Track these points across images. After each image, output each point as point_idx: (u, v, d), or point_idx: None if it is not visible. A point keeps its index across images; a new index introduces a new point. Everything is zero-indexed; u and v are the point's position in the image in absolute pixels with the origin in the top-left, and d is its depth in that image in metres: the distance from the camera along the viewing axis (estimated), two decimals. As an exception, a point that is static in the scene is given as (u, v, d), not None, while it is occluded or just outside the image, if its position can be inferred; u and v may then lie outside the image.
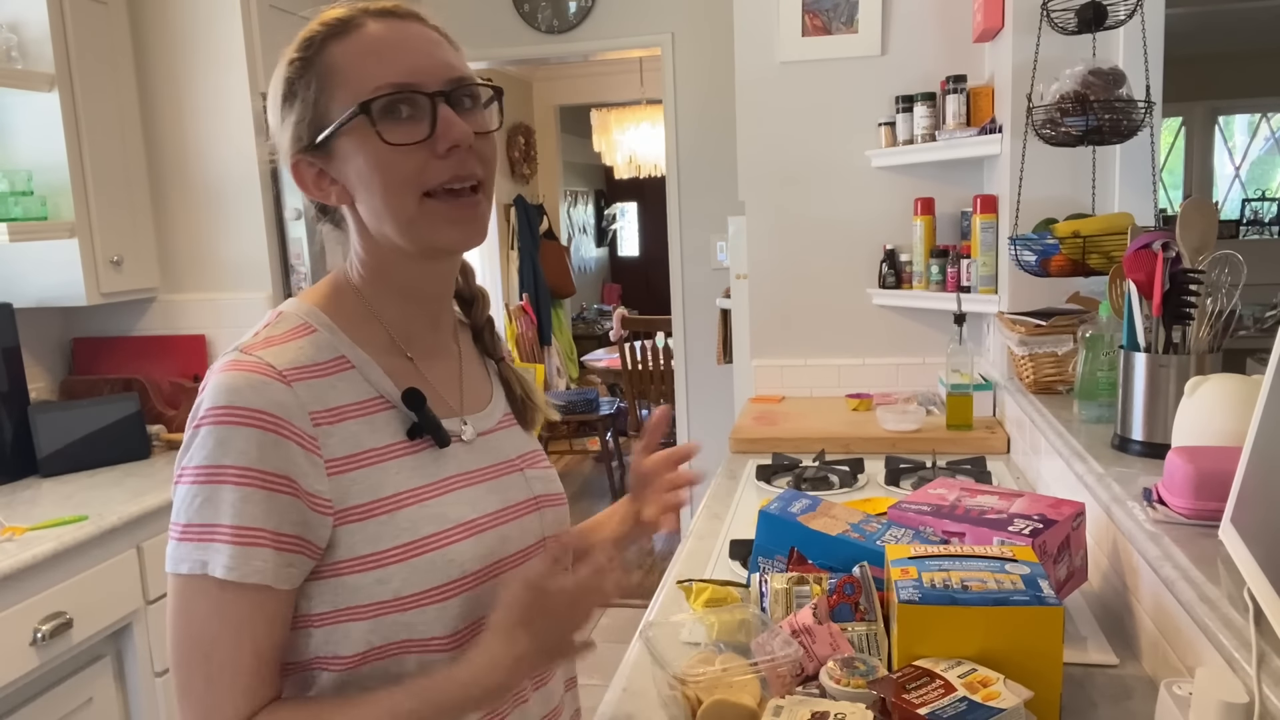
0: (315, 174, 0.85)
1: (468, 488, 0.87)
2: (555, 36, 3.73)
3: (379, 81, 0.80)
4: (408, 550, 0.80)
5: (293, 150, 0.84)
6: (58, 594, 1.77)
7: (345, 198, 0.85)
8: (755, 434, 2.33)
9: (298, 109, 0.83)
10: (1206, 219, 1.37)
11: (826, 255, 2.68)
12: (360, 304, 0.88)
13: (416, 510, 0.82)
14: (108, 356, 2.64)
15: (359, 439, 0.81)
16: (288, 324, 0.84)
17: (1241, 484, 0.95)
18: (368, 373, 0.85)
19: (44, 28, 2.21)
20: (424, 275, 0.89)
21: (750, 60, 2.66)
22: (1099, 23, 1.89)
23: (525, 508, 0.92)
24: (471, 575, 0.83)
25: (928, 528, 1.28)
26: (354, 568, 0.79)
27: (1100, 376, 1.67)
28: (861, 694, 0.98)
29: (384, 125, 0.80)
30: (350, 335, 0.86)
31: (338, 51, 0.82)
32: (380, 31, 0.83)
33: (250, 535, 0.75)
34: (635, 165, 6.04)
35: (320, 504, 0.77)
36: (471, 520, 0.85)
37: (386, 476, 0.81)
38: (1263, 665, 0.81)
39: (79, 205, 2.30)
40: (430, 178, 0.81)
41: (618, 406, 5.36)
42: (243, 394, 0.76)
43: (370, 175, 0.81)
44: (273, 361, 0.79)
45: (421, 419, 0.85)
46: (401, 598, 0.79)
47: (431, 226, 0.83)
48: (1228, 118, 6.49)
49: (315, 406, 0.79)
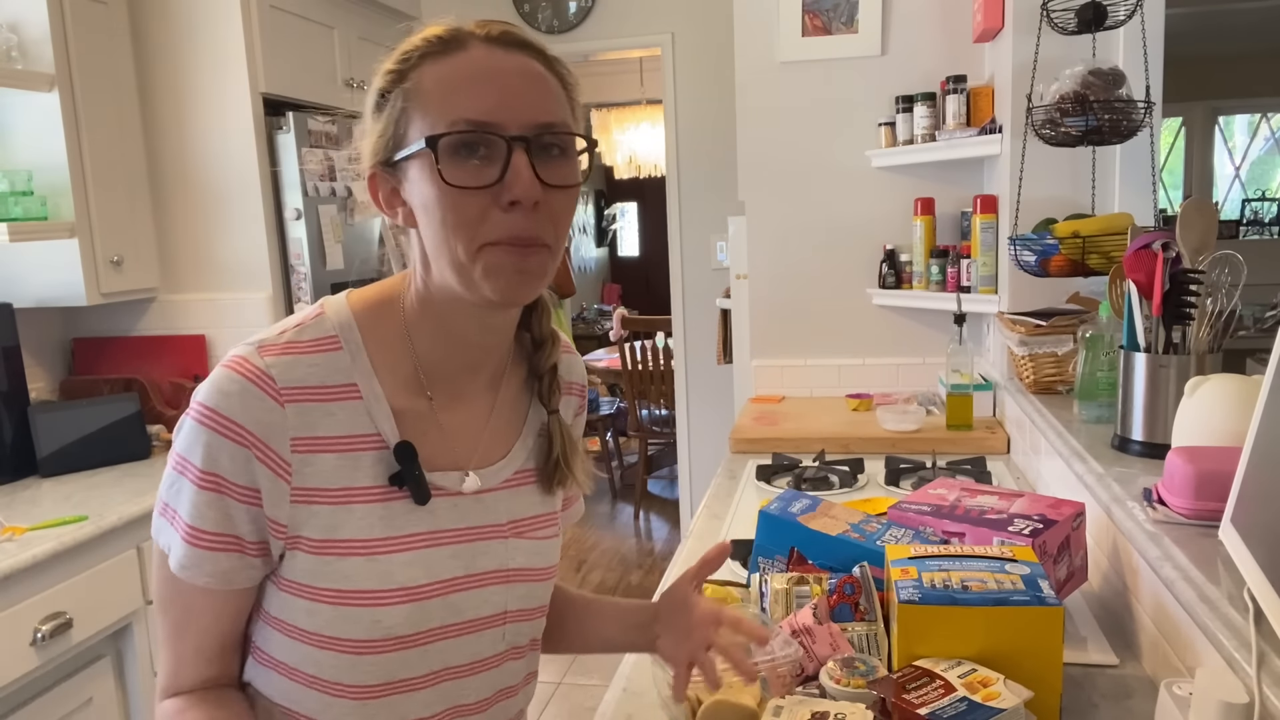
0: (389, 191, 0.82)
1: (431, 548, 0.83)
2: (555, 36, 3.72)
3: (457, 115, 0.75)
4: (339, 597, 0.79)
5: (370, 162, 0.81)
6: (58, 594, 1.77)
7: (412, 220, 0.81)
8: (755, 434, 2.33)
9: (382, 122, 0.80)
10: (1206, 219, 1.37)
11: (826, 255, 2.68)
12: (400, 327, 0.84)
13: (363, 563, 0.79)
14: (108, 356, 2.64)
15: (335, 474, 0.79)
16: (316, 332, 0.82)
17: (1241, 484, 0.95)
18: (373, 408, 0.82)
19: (44, 28, 2.21)
20: (472, 321, 0.84)
21: (750, 60, 2.66)
22: (1099, 23, 1.89)
23: (492, 578, 0.87)
24: (396, 639, 0.81)
25: (928, 528, 1.28)
26: (291, 589, 0.79)
27: (1100, 376, 1.67)
28: (861, 694, 0.98)
29: (449, 163, 0.75)
30: (375, 360, 0.83)
31: (430, 73, 0.78)
32: (479, 59, 0.77)
33: (201, 538, 0.77)
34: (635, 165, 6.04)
35: (275, 526, 0.78)
36: (415, 587, 0.81)
37: (349, 519, 0.80)
38: (1263, 665, 0.81)
39: (79, 205, 2.30)
40: (490, 230, 0.76)
41: (618, 406, 5.36)
42: (230, 401, 0.75)
43: (431, 209, 0.77)
44: (277, 376, 0.77)
45: (405, 472, 0.81)
46: (322, 635, 0.79)
47: (482, 275, 0.77)
48: (1228, 118, 6.49)
49: (300, 432, 0.78)
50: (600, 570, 4.17)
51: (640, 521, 4.83)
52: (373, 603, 0.79)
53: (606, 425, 5.27)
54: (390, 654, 0.81)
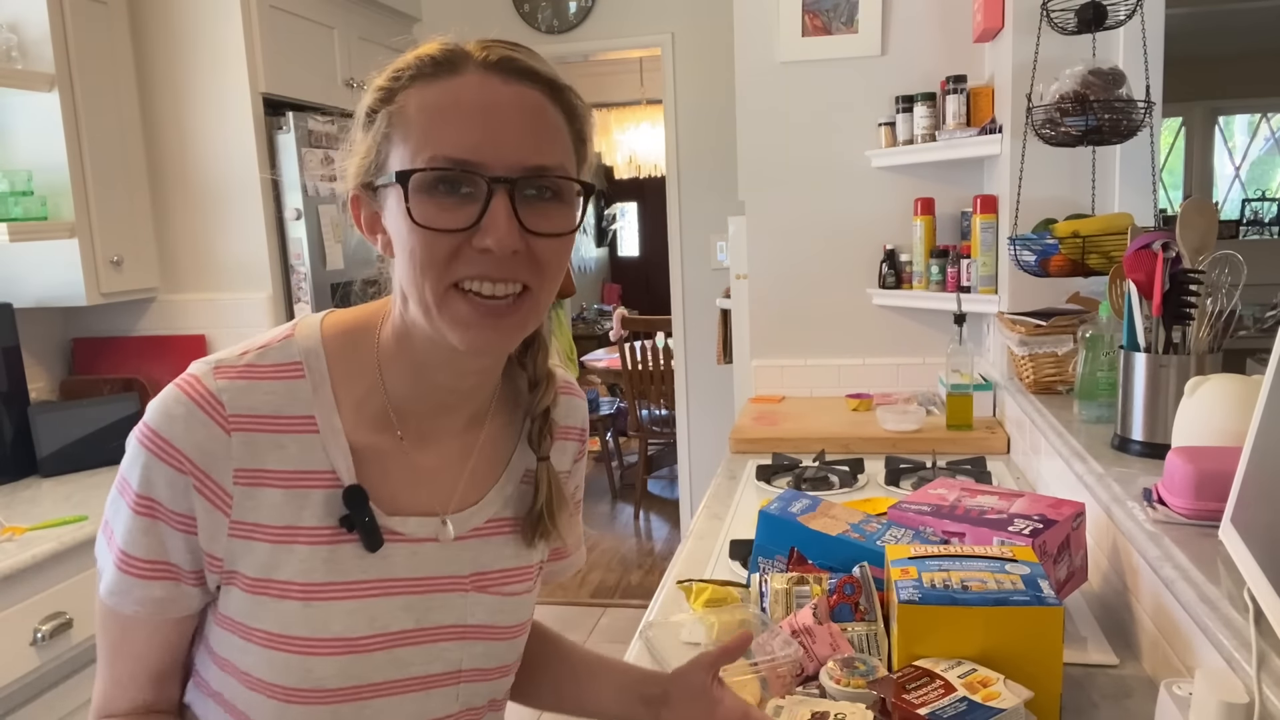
0: (370, 215, 0.77)
1: (380, 598, 0.77)
2: (555, 36, 3.73)
3: (436, 150, 0.69)
4: (270, 639, 0.74)
5: (353, 183, 0.76)
6: (58, 594, 1.77)
7: (389, 250, 0.75)
8: (755, 434, 2.33)
9: (367, 143, 0.74)
10: (1206, 219, 1.37)
11: (826, 255, 2.68)
12: (372, 359, 0.79)
13: (298, 608, 0.74)
14: (108, 356, 2.64)
15: (278, 512, 0.74)
16: (282, 356, 0.77)
17: (1241, 484, 0.95)
18: (329, 444, 0.76)
19: (44, 28, 2.21)
20: (446, 363, 0.77)
21: (750, 60, 2.66)
22: (1099, 23, 1.89)
23: (445, 634, 0.80)
24: (329, 691, 0.75)
25: (928, 528, 1.28)
26: (226, 624, 0.76)
27: (1100, 376, 1.67)
28: (861, 694, 0.98)
29: (419, 200, 0.69)
30: (339, 392, 0.77)
31: (417, 98, 0.71)
32: (471, 87, 0.71)
33: (133, 564, 0.74)
34: (635, 165, 6.04)
35: (211, 560, 0.74)
36: (353, 639, 0.75)
37: (289, 560, 0.74)
38: (1263, 665, 0.81)
39: (79, 205, 2.30)
40: (460, 269, 0.70)
41: (618, 407, 5.36)
42: (174, 424, 0.71)
43: (401, 244, 0.72)
44: (227, 401, 0.72)
45: (355, 520, 0.76)
46: (252, 677, 0.75)
47: (448, 321, 0.71)
48: (1228, 118, 6.49)
49: (245, 463, 0.73)
50: (600, 570, 4.17)
51: (640, 521, 4.83)
52: (305, 650, 0.74)
53: (606, 425, 5.27)
54: (320, 706, 0.75)
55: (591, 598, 3.85)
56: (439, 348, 0.75)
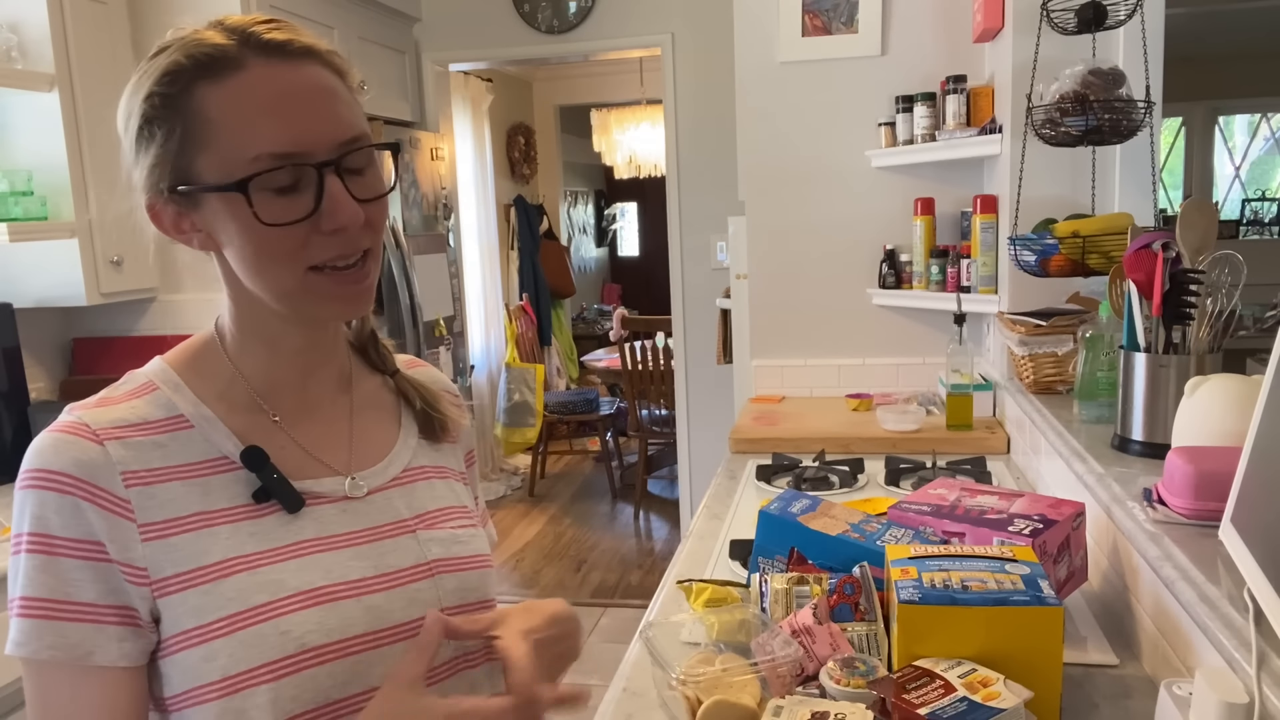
0: (174, 215, 0.75)
1: (326, 553, 0.77)
2: (555, 36, 3.73)
3: (258, 150, 0.70)
4: (233, 621, 0.71)
5: (148, 192, 0.74)
6: (58, 594, 1.77)
7: (211, 245, 0.76)
8: (755, 434, 2.33)
9: (154, 152, 0.73)
10: (1206, 219, 1.37)
11: (826, 255, 2.68)
12: (221, 357, 0.80)
13: (246, 578, 0.73)
14: (108, 356, 2.64)
15: (184, 502, 0.73)
16: (130, 385, 0.78)
17: (1241, 484, 0.95)
18: (209, 432, 0.77)
19: (44, 28, 2.21)
20: (296, 334, 0.80)
21: (750, 60, 2.66)
22: (1099, 23, 1.89)
23: (412, 574, 0.80)
24: (313, 650, 0.73)
25: (928, 528, 1.28)
26: (180, 644, 0.71)
27: (1100, 376, 1.67)
28: (861, 694, 0.98)
29: (261, 201, 0.71)
30: (200, 393, 0.78)
31: (211, 99, 0.71)
32: (265, 79, 0.71)
33: (36, 606, 0.69)
34: (635, 165, 6.04)
35: (133, 573, 0.70)
36: (318, 588, 0.74)
37: (215, 542, 0.73)
38: (1263, 665, 0.81)
39: (79, 205, 2.30)
40: (314, 254, 0.73)
41: (618, 406, 5.36)
42: (44, 455, 0.70)
43: (243, 246, 0.73)
44: (90, 421, 0.73)
45: (264, 480, 0.76)
46: (229, 677, 0.70)
47: (313, 300, 0.75)
48: (1228, 118, 6.49)
49: (131, 466, 0.72)
50: (600, 570, 4.17)
51: (640, 521, 4.83)
52: (272, 613, 0.72)
53: (606, 425, 5.27)
54: (314, 670, 0.73)
55: (591, 598, 3.85)
56: (285, 322, 0.79)
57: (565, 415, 5.38)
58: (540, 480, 5.44)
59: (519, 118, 6.48)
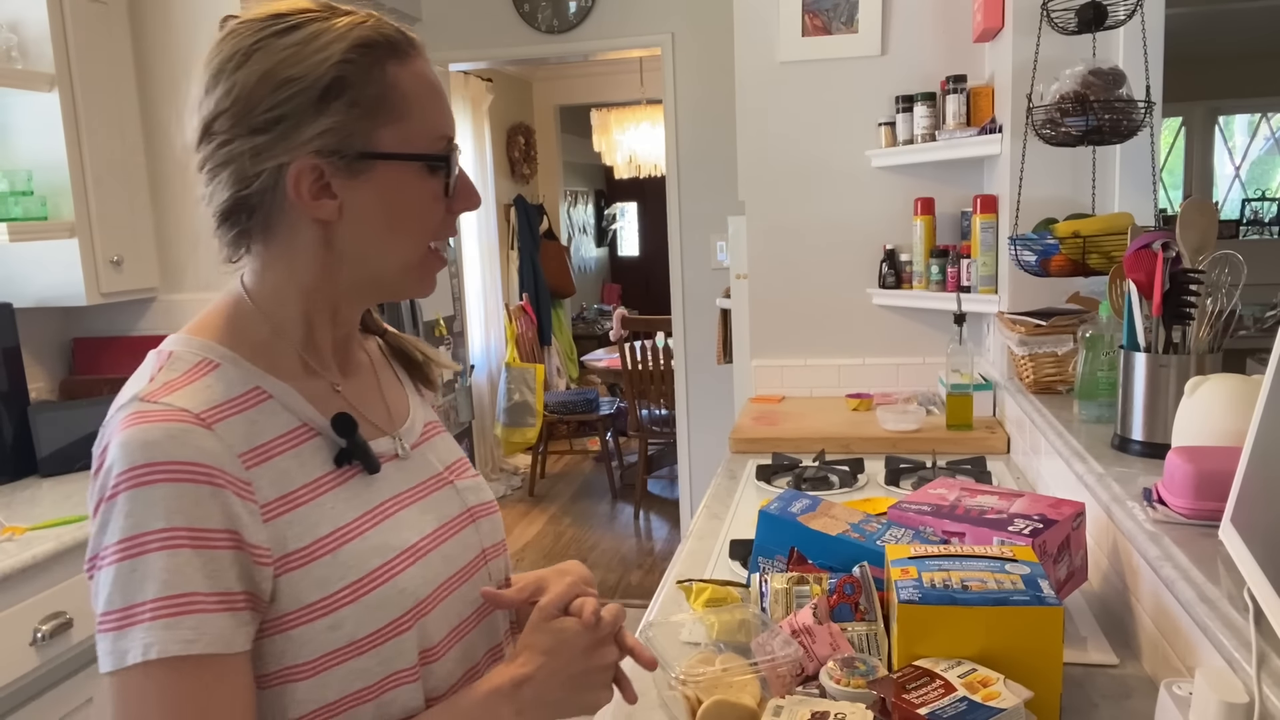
0: (317, 178, 0.75)
1: (402, 510, 0.82)
2: (555, 36, 3.73)
3: (440, 131, 0.79)
4: (358, 588, 0.74)
5: (307, 150, 0.74)
6: (58, 594, 1.77)
7: (335, 215, 0.76)
8: (755, 434, 2.33)
9: (338, 113, 0.74)
10: (1206, 219, 1.37)
11: (826, 255, 2.68)
12: (265, 328, 0.79)
13: (359, 544, 0.76)
14: (108, 356, 2.64)
15: (290, 476, 0.74)
16: (184, 364, 0.75)
17: (1241, 484, 0.95)
18: (288, 401, 0.77)
19: (44, 28, 2.21)
20: (364, 304, 0.86)
21: (750, 60, 2.66)
22: (1099, 23, 1.89)
23: (461, 522, 0.88)
24: (422, 602, 0.79)
25: (928, 528, 1.28)
26: (302, 618, 0.72)
27: (1100, 376, 1.67)
28: (861, 694, 0.98)
29: (426, 177, 0.79)
30: (259, 364, 0.78)
31: (402, 77, 0.77)
32: (428, 70, 0.80)
33: (182, 603, 0.66)
34: (635, 165, 6.04)
35: (261, 555, 0.70)
36: (414, 545, 0.80)
37: (322, 513, 0.75)
38: (1263, 665, 0.81)
39: (79, 205, 2.30)
40: (442, 232, 0.81)
41: (618, 406, 5.36)
42: (162, 447, 0.67)
43: (400, 215, 0.78)
44: (185, 405, 0.70)
45: (351, 446, 0.79)
46: (357, 641, 0.74)
47: (418, 275, 0.83)
48: (1228, 118, 6.49)
49: (241, 448, 0.72)
50: (600, 570, 4.17)
51: (640, 521, 4.83)
52: (388, 575, 0.76)
53: (606, 425, 5.27)
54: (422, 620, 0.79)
55: (591, 598, 3.84)
56: (364, 293, 0.83)
57: (565, 415, 5.38)
58: (540, 480, 5.44)
59: (519, 118, 6.48)
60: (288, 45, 0.74)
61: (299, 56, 0.74)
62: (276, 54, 0.74)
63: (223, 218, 0.78)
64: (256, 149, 0.74)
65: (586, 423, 5.53)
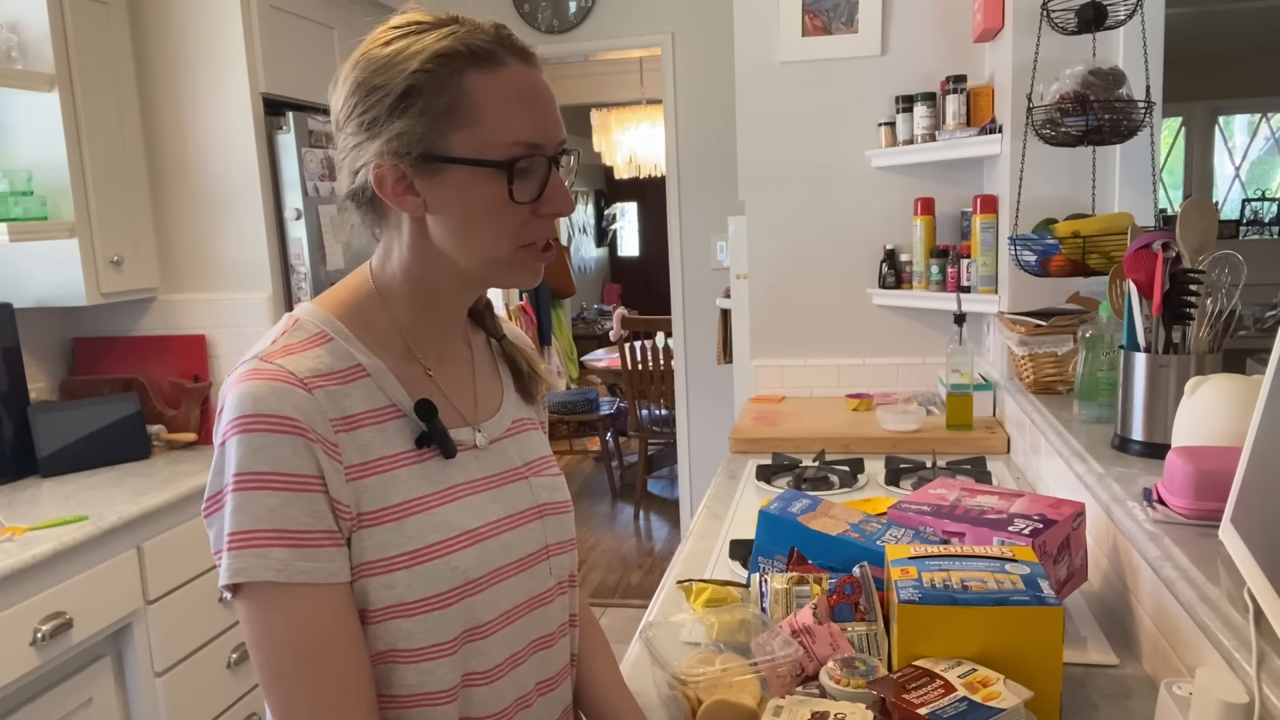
0: (402, 181, 0.83)
1: (472, 495, 0.89)
2: (555, 36, 3.73)
3: (516, 137, 0.82)
4: (414, 557, 0.82)
5: (385, 151, 0.82)
6: (58, 594, 1.77)
7: (421, 211, 0.85)
8: (755, 434, 2.33)
9: (411, 118, 0.81)
10: (1206, 219, 1.37)
11: (826, 255, 2.68)
12: (381, 310, 0.89)
13: (423, 518, 0.84)
14: (108, 356, 2.64)
15: (371, 446, 0.83)
16: (305, 332, 0.85)
17: (1241, 484, 0.95)
18: (382, 381, 0.86)
19: (44, 28, 2.21)
20: (466, 294, 0.92)
21: (750, 60, 2.66)
22: (1099, 23, 1.89)
23: (528, 515, 0.94)
24: (472, 582, 0.85)
25: (928, 528, 1.28)
26: (363, 572, 0.81)
27: (1100, 376, 1.67)
28: (861, 694, 0.98)
29: (505, 180, 0.82)
30: (366, 343, 0.87)
31: (480, 85, 0.81)
32: (521, 77, 0.83)
33: (294, 537, 0.77)
34: (635, 165, 6.04)
35: (341, 508, 0.80)
36: (474, 529, 0.87)
37: (395, 484, 0.83)
38: (1263, 665, 0.81)
39: (79, 205, 2.30)
40: (529, 235, 0.85)
41: (618, 406, 5.36)
42: (268, 401, 0.77)
43: (471, 215, 0.83)
44: (293, 369, 0.80)
45: (431, 430, 0.87)
46: (406, 603, 0.82)
47: (511, 272, 0.87)
48: (1228, 118, 6.49)
49: (334, 414, 0.81)
50: (600, 570, 4.17)
51: (640, 521, 4.84)
52: (444, 551, 0.83)
53: (606, 425, 5.27)
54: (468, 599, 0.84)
55: (591, 598, 3.85)
56: (463, 282, 0.89)
57: (565, 415, 5.38)
58: (540, 480, 5.43)
59: (519, 118, 6.45)
60: (382, 58, 0.83)
61: (387, 68, 0.82)
62: (373, 65, 0.83)
63: (349, 205, 0.89)
64: (356, 147, 0.85)
65: (587, 423, 5.53)
